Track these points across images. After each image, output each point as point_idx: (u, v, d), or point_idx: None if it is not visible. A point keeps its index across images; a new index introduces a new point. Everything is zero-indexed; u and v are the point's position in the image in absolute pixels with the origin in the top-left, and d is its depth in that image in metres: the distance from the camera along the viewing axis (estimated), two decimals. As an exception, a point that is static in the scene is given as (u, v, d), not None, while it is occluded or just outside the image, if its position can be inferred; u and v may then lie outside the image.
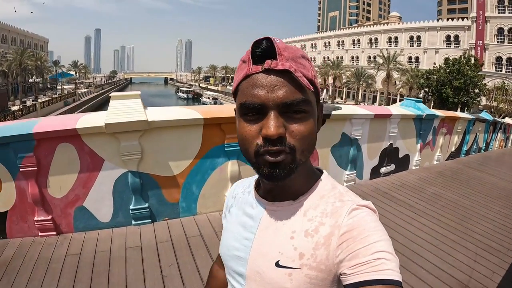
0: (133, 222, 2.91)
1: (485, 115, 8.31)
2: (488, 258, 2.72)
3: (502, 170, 6.34)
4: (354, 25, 68.32)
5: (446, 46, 37.06)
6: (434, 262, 2.59)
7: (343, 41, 51.70)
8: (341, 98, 46.26)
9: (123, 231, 2.82)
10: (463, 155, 7.06)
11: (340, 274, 0.48)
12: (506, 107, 26.54)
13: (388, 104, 28.86)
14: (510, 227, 3.47)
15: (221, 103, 41.12)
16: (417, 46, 39.93)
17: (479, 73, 26.22)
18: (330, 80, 47.60)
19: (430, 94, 27.84)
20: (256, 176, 0.63)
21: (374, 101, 41.94)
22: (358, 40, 48.39)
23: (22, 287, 2.05)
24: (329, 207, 0.53)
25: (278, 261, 0.53)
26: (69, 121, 2.64)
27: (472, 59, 26.97)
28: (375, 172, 4.75)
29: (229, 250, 0.62)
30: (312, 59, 54.44)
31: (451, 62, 26.79)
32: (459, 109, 24.98)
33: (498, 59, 31.90)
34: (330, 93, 48.23)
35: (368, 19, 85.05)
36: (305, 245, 0.51)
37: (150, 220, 2.96)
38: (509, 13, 31.11)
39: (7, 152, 2.46)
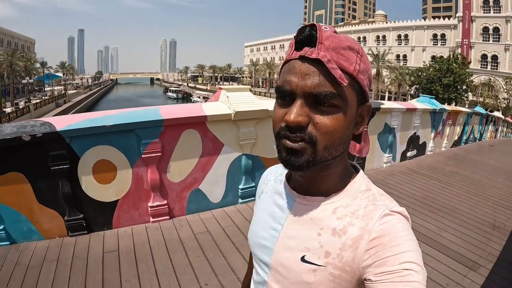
0: (240, 201, 3.17)
1: (479, 109, 9.22)
2: (504, 211, 3.62)
3: (497, 155, 7.25)
4: (340, 24, 68.22)
5: (433, 44, 37.41)
6: (468, 212, 3.49)
7: None
8: None
9: (233, 209, 3.09)
10: (463, 144, 7.87)
11: (365, 280, 0.46)
12: (492, 102, 27.31)
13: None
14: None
15: (212, 102, 40.72)
16: (404, 44, 40.24)
17: (467, 70, 26.59)
18: None
19: (420, 90, 28.34)
20: None
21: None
22: None
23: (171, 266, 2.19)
24: (361, 209, 0.50)
25: (303, 256, 0.51)
26: (195, 109, 2.88)
27: (460, 58, 27.56)
28: (403, 156, 5.38)
29: (256, 237, 0.61)
30: None
31: (440, 61, 27.45)
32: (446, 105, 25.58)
33: (484, 57, 32.49)
34: None
35: (354, 17, 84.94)
36: (331, 244, 0.49)
37: (254, 198, 3.27)
38: (494, 12, 31.60)
39: (129, 139, 2.51)
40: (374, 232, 0.46)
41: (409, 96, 33.93)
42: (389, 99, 37.89)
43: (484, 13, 32.16)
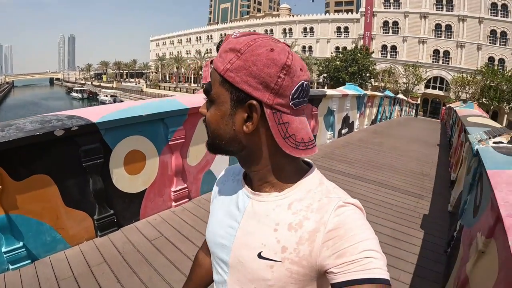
0: None
1: (388, 93, 11.63)
2: (425, 164, 5.08)
3: (406, 128, 9.69)
4: (245, 16, 68.57)
5: (337, 37, 39.82)
6: (402, 167, 4.75)
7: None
8: None
9: None
10: (378, 121, 9.91)
11: (327, 273, 0.46)
12: (392, 86, 30.66)
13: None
14: (427, 153, 6.02)
15: (121, 101, 36.68)
16: (310, 36, 41.79)
17: (370, 59, 29.82)
18: None
19: (328, 79, 31.56)
20: None
21: (271, 88, 45.28)
22: (254, 31, 50.92)
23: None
24: (315, 203, 0.49)
25: (260, 253, 0.50)
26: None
27: (364, 48, 30.86)
28: (339, 133, 6.59)
29: (214, 236, 0.59)
30: (209, 51, 50.21)
31: (346, 52, 30.31)
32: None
33: (384, 47, 35.09)
34: None
35: (259, 10, 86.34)
36: (288, 238, 0.49)
37: None
38: (394, 8, 34.60)
39: (157, 128, 2.53)
40: (330, 224, 0.46)
41: (316, 84, 37.74)
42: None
43: (385, 8, 35.15)
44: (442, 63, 31.99)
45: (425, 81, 31.88)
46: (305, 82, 0.48)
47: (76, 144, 2.05)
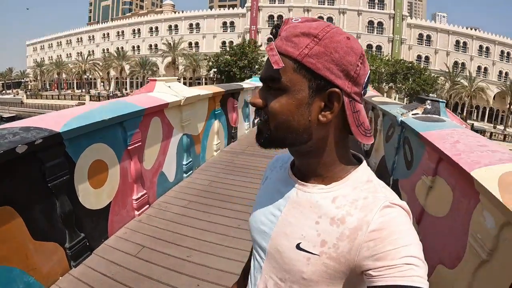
0: (184, 176, 3.51)
1: None
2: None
3: None
4: (127, 14, 63.29)
5: (223, 31, 40.57)
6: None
7: (123, 32, 46.63)
8: (126, 89, 42.64)
9: (184, 183, 3.43)
10: None
11: (364, 274, 0.44)
12: None
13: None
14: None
15: (1, 117, 29.15)
16: (196, 32, 41.92)
17: (259, 52, 30.74)
18: (113, 72, 42.52)
19: (219, 74, 31.76)
20: None
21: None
22: (139, 30, 45.47)
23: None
24: (360, 200, 0.48)
25: (299, 244, 0.50)
26: (154, 98, 2.89)
27: (252, 42, 31.70)
28: (253, 123, 7.27)
29: (256, 222, 0.59)
30: (91, 52, 45.27)
31: (236, 47, 30.98)
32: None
33: (270, 40, 40.26)
34: (113, 85, 43.42)
35: (141, 7, 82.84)
36: (329, 233, 0.48)
37: (192, 171, 3.66)
38: (278, 3, 36.60)
39: (116, 132, 2.33)
40: (373, 224, 0.44)
41: (204, 79, 37.68)
42: (185, 84, 40.10)
43: (270, 3, 37.01)
44: (326, 51, 39.17)
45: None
46: (369, 72, 0.49)
47: (39, 161, 1.67)
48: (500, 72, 36.54)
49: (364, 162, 0.54)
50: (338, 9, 35.70)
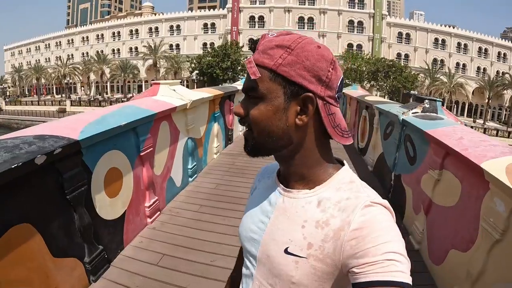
0: (190, 180, 3.41)
1: None
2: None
3: None
4: (106, 17, 61.18)
5: (204, 33, 40.01)
6: None
7: (102, 35, 44.75)
8: (106, 93, 40.99)
9: (191, 187, 3.34)
10: None
11: (349, 272, 0.45)
12: None
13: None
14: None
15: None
16: (177, 34, 41.04)
17: (241, 53, 30.35)
18: (93, 76, 40.90)
19: (201, 75, 31.19)
20: None
21: (140, 90, 40.45)
22: (119, 32, 43.75)
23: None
24: (343, 201, 0.49)
25: (287, 248, 0.51)
26: (161, 102, 2.79)
27: (234, 43, 31.23)
28: None
29: (246, 231, 0.60)
30: (70, 56, 44.00)
31: (218, 48, 30.32)
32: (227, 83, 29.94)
33: (250, 41, 39.42)
34: (93, 89, 41.78)
35: (120, 10, 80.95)
36: (314, 235, 0.49)
37: (196, 175, 3.57)
38: (259, 4, 36.13)
39: (129, 139, 2.21)
40: (355, 223, 0.46)
41: (185, 81, 36.60)
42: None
43: (251, 4, 36.45)
44: (306, 51, 39.02)
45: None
46: (342, 77, 0.52)
47: (56, 172, 1.55)
48: (478, 68, 37.83)
49: (346, 164, 0.57)
50: (319, 9, 35.84)
